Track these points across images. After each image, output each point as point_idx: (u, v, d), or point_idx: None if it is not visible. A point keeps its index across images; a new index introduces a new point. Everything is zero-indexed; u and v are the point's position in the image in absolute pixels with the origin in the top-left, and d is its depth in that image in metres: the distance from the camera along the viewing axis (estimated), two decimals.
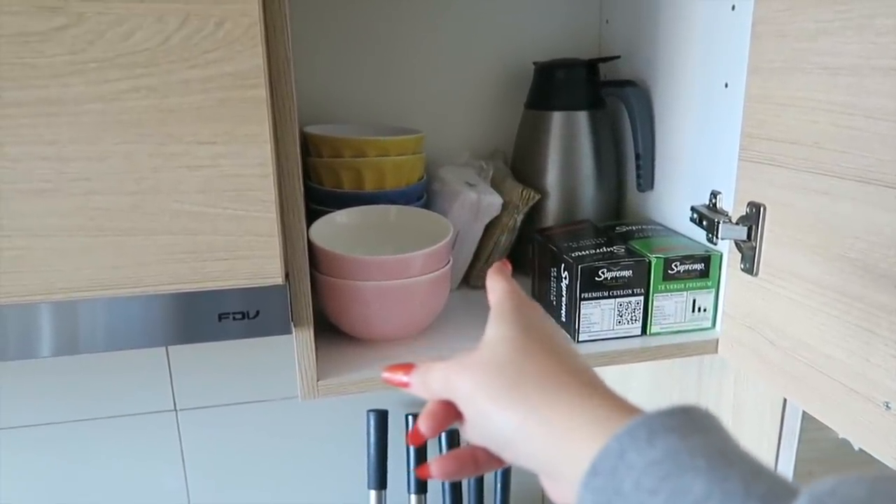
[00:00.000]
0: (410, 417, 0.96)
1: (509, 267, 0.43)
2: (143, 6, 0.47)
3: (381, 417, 0.96)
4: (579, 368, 0.34)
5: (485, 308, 0.41)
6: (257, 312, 0.55)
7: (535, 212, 0.81)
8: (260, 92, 0.50)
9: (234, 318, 0.55)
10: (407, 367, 0.40)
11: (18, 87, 0.46)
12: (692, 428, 0.28)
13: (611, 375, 1.00)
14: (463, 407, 0.36)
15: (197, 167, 0.50)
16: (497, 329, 0.37)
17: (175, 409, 0.97)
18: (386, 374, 0.41)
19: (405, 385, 0.40)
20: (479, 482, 0.98)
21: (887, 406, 0.48)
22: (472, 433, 0.36)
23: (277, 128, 0.53)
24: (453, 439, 0.96)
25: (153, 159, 0.50)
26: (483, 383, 0.34)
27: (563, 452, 0.31)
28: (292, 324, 0.58)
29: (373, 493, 0.97)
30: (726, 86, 0.65)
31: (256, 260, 0.53)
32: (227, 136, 0.50)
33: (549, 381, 0.33)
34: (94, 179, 0.49)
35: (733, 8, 0.63)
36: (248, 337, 0.56)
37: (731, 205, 0.64)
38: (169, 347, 0.94)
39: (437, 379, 0.37)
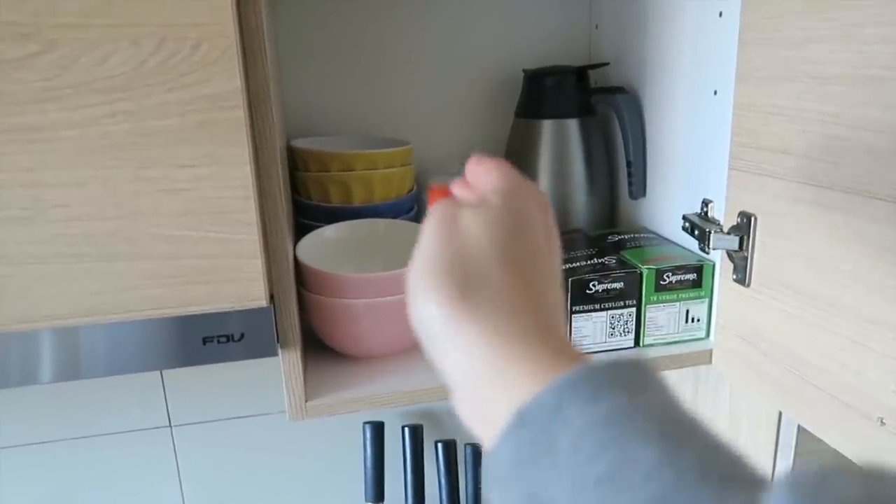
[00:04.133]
0: (407, 429, 0.95)
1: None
2: (118, 30, 0.46)
3: (378, 429, 0.96)
4: (543, 299, 0.30)
5: None
6: (242, 335, 0.55)
7: None
8: (238, 113, 0.49)
9: (218, 342, 0.54)
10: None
11: None
12: (641, 387, 0.24)
13: None
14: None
15: (177, 190, 0.50)
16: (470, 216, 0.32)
17: (170, 426, 0.96)
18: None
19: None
20: (476, 496, 0.97)
21: (882, 422, 0.47)
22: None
23: (258, 148, 0.52)
24: (449, 450, 0.96)
25: (132, 184, 0.49)
26: (429, 268, 0.30)
27: (493, 387, 0.27)
28: (278, 345, 0.57)
29: None
30: (715, 93, 0.64)
31: (240, 282, 0.53)
32: (206, 159, 0.50)
33: (508, 302, 0.28)
34: (74, 205, 0.49)
35: (720, 14, 0.62)
36: (233, 360, 0.55)
37: (723, 214, 0.63)
38: None
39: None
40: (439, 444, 0.96)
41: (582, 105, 0.81)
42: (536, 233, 0.33)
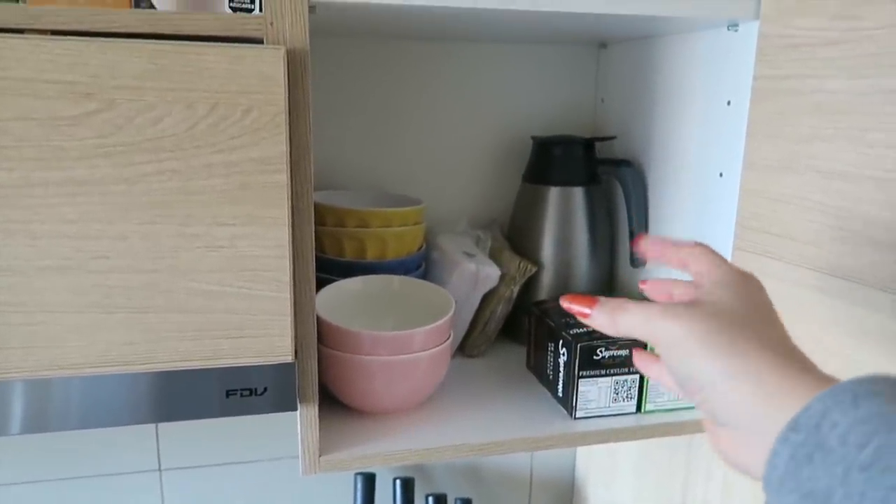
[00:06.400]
0: (398, 482, 0.96)
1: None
2: (174, 94, 0.48)
3: (369, 481, 0.96)
4: (790, 345, 0.37)
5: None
6: (265, 389, 0.56)
7: (529, 282, 0.83)
8: (282, 177, 0.51)
9: (241, 395, 0.55)
10: (591, 301, 0.41)
11: (46, 168, 0.47)
12: (893, 393, 0.29)
13: (599, 448, 1.01)
14: (664, 349, 0.37)
15: (216, 248, 0.51)
16: (719, 291, 0.39)
17: (159, 469, 0.95)
18: (566, 304, 0.43)
19: (585, 317, 0.41)
20: None
21: None
22: (668, 374, 0.38)
23: (295, 210, 0.54)
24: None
25: (173, 239, 0.51)
26: (698, 330, 0.36)
27: (768, 407, 0.32)
28: (298, 400, 0.58)
29: None
30: (721, 175, 0.68)
31: (268, 338, 0.54)
32: (246, 219, 0.51)
33: (764, 342, 0.35)
34: (114, 258, 0.50)
35: (728, 104, 0.66)
36: (255, 413, 0.56)
37: None
38: None
39: (632, 321, 0.39)
40: (430, 498, 0.96)
41: (588, 174, 0.85)
42: (764, 305, 0.40)
